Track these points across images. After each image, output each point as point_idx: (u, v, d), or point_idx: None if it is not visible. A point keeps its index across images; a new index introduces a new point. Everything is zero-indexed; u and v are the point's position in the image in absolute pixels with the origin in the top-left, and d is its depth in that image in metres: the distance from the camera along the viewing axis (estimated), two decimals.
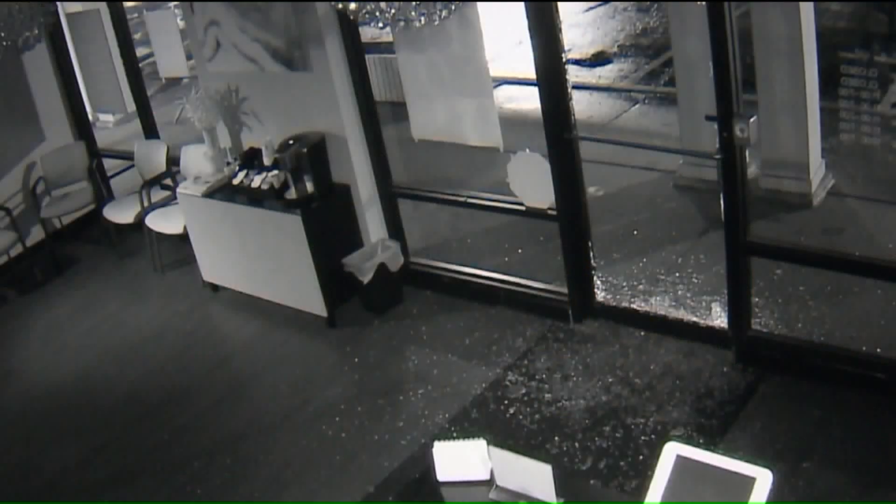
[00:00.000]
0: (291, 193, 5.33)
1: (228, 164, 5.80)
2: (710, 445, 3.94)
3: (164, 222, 6.30)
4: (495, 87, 4.90)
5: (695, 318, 4.75)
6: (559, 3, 4.40)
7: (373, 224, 5.66)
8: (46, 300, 6.63)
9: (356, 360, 5.19)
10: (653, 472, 2.54)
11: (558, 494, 2.73)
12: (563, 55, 4.51)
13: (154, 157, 6.75)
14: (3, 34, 5.76)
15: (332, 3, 4.42)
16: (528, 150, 4.82)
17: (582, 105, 7.86)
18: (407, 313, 5.50)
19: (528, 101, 6.60)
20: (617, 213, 5.96)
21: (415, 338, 5.26)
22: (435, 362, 5.01)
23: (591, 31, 10.01)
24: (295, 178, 5.29)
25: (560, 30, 4.45)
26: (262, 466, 4.54)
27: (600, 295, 5.05)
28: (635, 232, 5.74)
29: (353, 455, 4.46)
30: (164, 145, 6.77)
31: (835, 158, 5.58)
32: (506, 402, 4.58)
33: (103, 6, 7.16)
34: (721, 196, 4.21)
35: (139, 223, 6.52)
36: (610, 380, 4.55)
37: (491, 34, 4.86)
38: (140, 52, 7.65)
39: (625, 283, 5.20)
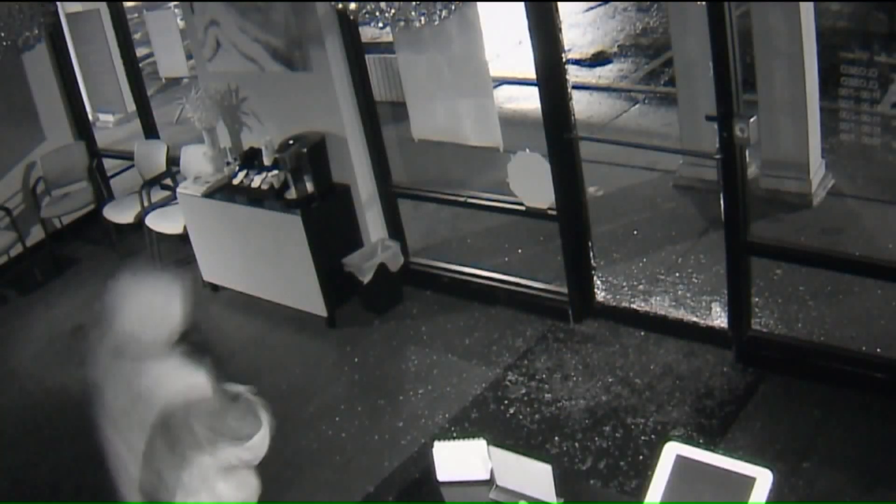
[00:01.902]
0: (291, 193, 5.33)
1: (228, 164, 5.80)
2: (710, 445, 3.94)
3: (164, 222, 6.30)
4: (495, 87, 4.90)
5: (695, 318, 4.75)
6: (559, 3, 4.40)
7: (373, 224, 5.66)
8: (46, 300, 6.63)
9: (356, 360, 5.19)
10: (653, 472, 2.54)
11: (558, 494, 2.73)
12: (563, 55, 4.51)
13: (154, 157, 6.75)
14: (3, 34, 5.75)
15: (332, 3, 4.42)
16: (528, 150, 4.82)
17: (582, 105, 7.86)
18: (407, 313, 5.50)
19: (528, 101, 6.61)
20: (617, 213, 5.96)
21: (415, 338, 5.26)
22: (435, 362, 5.01)
23: (591, 31, 10.00)
24: (295, 178, 5.29)
25: (560, 30, 4.45)
26: (261, 466, 4.52)
27: (600, 295, 5.05)
28: (635, 232, 5.74)
29: (353, 455, 4.46)
30: (164, 145, 6.77)
31: (835, 158, 5.58)
32: (506, 402, 4.58)
33: (103, 6, 7.16)
34: (721, 196, 4.21)
35: (139, 223, 6.51)
36: (610, 380, 4.55)
37: (491, 34, 4.86)
38: (140, 52, 7.65)
39: (625, 283, 5.20)
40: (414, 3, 4.09)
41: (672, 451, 2.54)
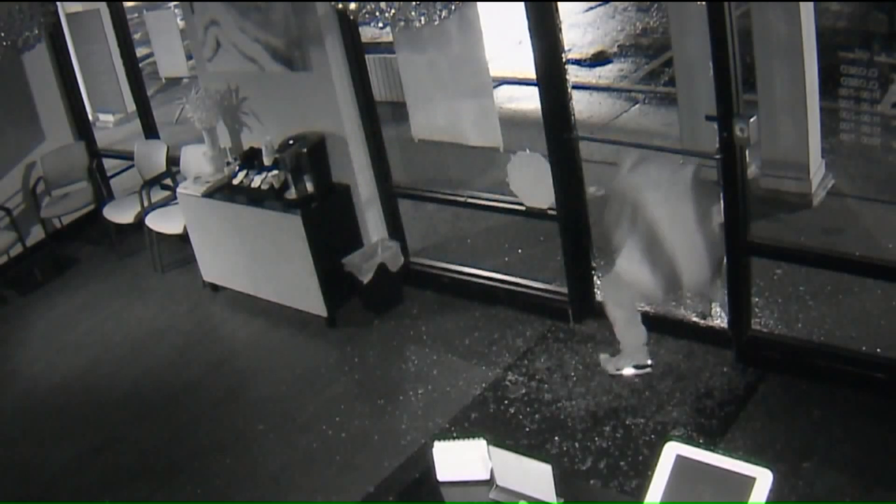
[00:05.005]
0: (291, 193, 5.33)
1: (228, 164, 5.80)
2: (710, 445, 3.94)
3: (164, 222, 6.30)
4: (495, 87, 4.90)
5: (695, 318, 4.75)
6: (559, 3, 4.40)
7: (373, 224, 5.66)
8: (47, 300, 6.63)
9: (356, 360, 5.19)
10: (653, 472, 2.54)
11: (558, 494, 2.73)
12: (563, 55, 4.51)
13: (154, 157, 6.75)
14: (3, 34, 5.75)
15: (332, 3, 4.41)
16: (528, 150, 4.82)
17: (582, 105, 7.85)
18: (407, 313, 5.50)
19: (528, 101, 6.60)
20: None
21: (415, 338, 5.26)
22: (435, 362, 5.01)
23: (591, 31, 10.00)
24: (295, 178, 5.29)
25: (560, 30, 4.45)
26: (262, 466, 4.54)
27: (600, 295, 5.05)
28: None
29: (353, 455, 4.46)
30: (164, 145, 6.77)
31: (835, 158, 5.58)
32: (506, 402, 4.58)
33: (103, 6, 7.16)
34: (721, 196, 4.21)
35: (139, 223, 6.52)
36: (610, 380, 4.55)
37: (491, 34, 4.86)
38: (140, 52, 7.65)
39: None
40: (414, 3, 4.09)
41: (672, 451, 2.54)
